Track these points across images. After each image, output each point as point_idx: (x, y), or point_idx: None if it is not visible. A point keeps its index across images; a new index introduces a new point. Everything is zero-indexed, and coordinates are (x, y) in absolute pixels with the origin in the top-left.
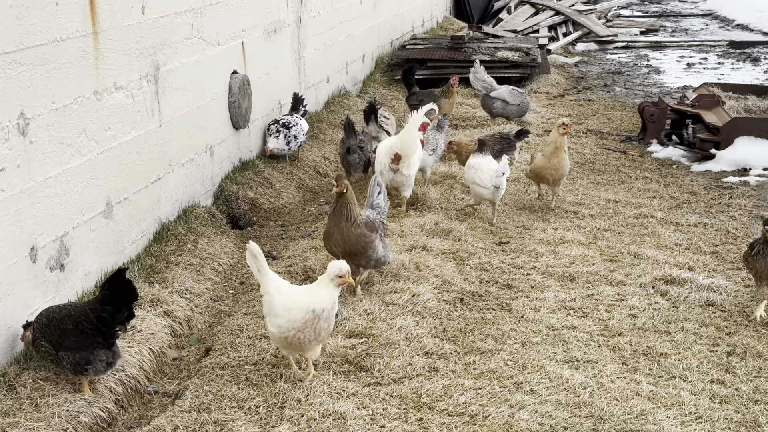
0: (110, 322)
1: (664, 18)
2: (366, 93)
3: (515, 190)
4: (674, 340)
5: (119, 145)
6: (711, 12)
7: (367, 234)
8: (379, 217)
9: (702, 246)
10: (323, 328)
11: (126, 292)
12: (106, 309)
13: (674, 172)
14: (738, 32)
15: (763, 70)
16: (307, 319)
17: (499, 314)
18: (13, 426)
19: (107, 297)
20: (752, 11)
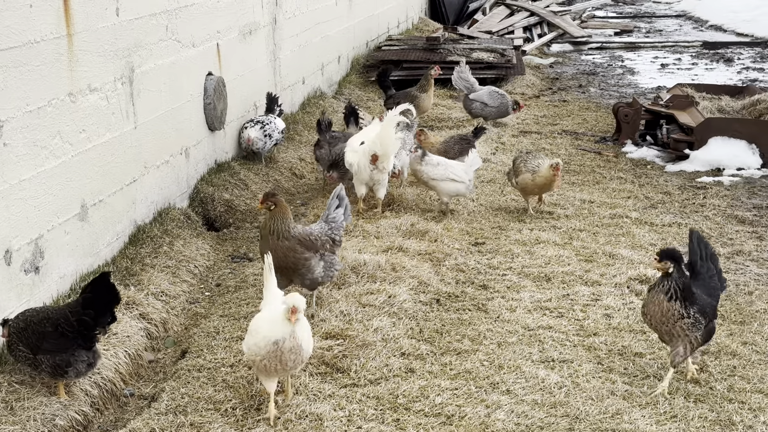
0: (92, 326)
1: (638, 19)
2: (342, 94)
3: (491, 191)
4: (649, 339)
5: (94, 147)
6: (685, 13)
7: (298, 250)
8: (329, 232)
9: (676, 246)
10: (290, 359)
11: (109, 297)
12: (88, 313)
13: (648, 173)
14: (712, 33)
15: (737, 71)
16: (270, 350)
17: (476, 315)
18: None
19: (89, 300)
20: (726, 12)
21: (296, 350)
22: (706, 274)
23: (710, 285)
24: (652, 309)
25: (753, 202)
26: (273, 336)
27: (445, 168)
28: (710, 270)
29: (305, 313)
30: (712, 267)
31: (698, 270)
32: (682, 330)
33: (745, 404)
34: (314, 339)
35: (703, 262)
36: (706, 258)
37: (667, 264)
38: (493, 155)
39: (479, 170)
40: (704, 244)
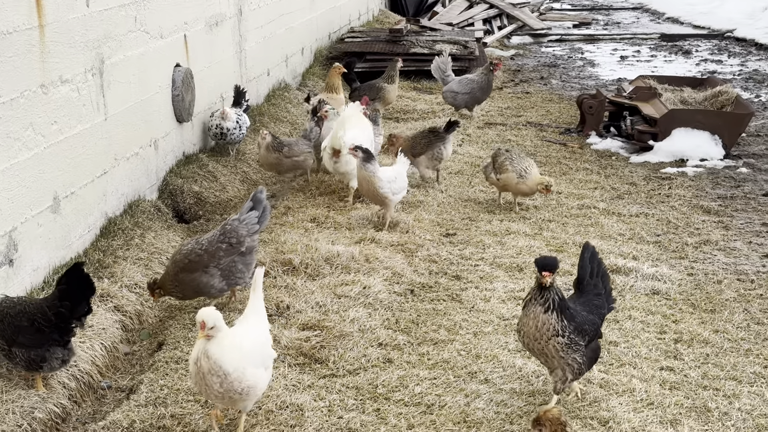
0: (68, 318)
1: (595, 11)
2: (305, 86)
3: (459, 183)
4: (623, 328)
5: (65, 139)
6: (642, 5)
7: (179, 277)
8: (221, 237)
9: (644, 236)
10: (215, 383)
11: (84, 287)
12: (65, 305)
13: (614, 164)
14: (669, 25)
15: (695, 63)
16: (193, 371)
17: (450, 305)
18: None
19: (64, 292)
20: (682, 5)
21: (217, 373)
22: (592, 292)
23: (594, 303)
24: (527, 324)
25: (717, 192)
26: (192, 356)
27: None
28: (598, 288)
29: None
30: (601, 285)
31: (584, 286)
32: (556, 350)
33: (719, 391)
34: (292, 330)
35: (590, 279)
36: (596, 275)
37: (551, 275)
38: (459, 146)
39: (447, 162)
40: (597, 261)
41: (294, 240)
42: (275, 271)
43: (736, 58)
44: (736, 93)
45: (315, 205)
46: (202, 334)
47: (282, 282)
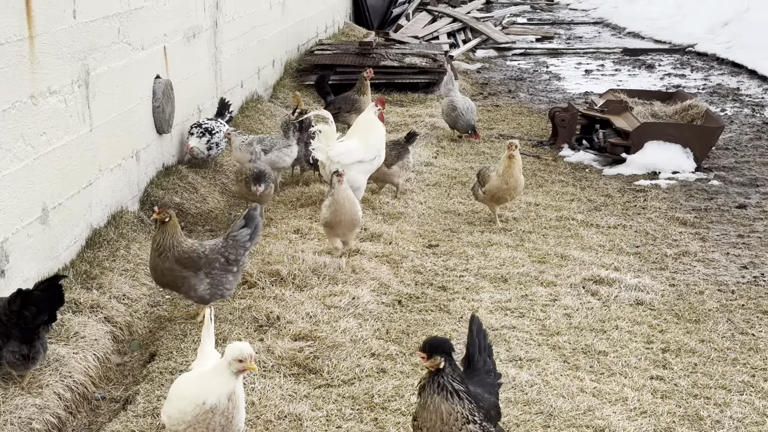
0: (30, 321)
1: (557, 26)
2: (277, 98)
3: (437, 194)
4: (610, 338)
5: (54, 150)
6: (602, 20)
7: (176, 269)
8: (223, 251)
9: (624, 247)
10: (219, 425)
11: (54, 298)
12: (30, 309)
13: (588, 176)
14: (630, 40)
15: (659, 77)
16: (199, 412)
17: (439, 315)
18: None
19: (32, 297)
20: (642, 19)
21: (229, 414)
22: (483, 369)
23: (488, 382)
24: (429, 418)
25: (691, 204)
26: (206, 399)
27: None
28: (487, 364)
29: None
30: (489, 361)
31: (475, 363)
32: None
33: (710, 400)
34: (284, 340)
35: (480, 356)
36: (483, 349)
37: (437, 359)
38: (434, 159)
39: (424, 173)
40: (483, 334)
41: (280, 251)
42: (263, 282)
43: (699, 73)
44: (706, 107)
45: (297, 216)
46: (253, 366)
47: (270, 293)
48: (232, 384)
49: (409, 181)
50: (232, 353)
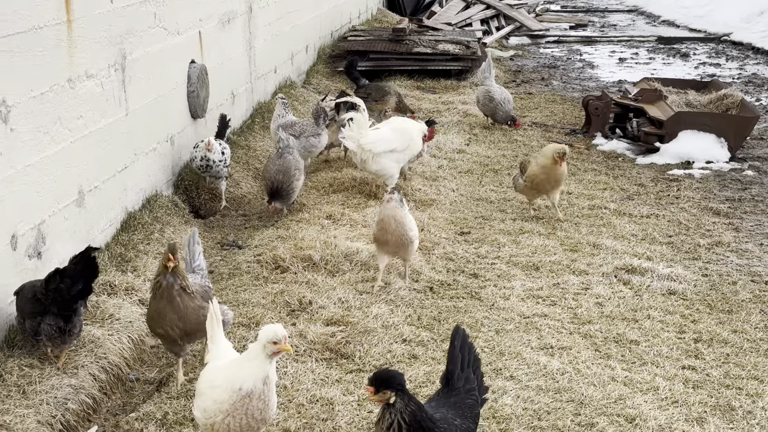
0: (65, 294)
1: (591, 13)
2: (309, 84)
3: (469, 182)
4: (642, 327)
5: (90, 133)
6: (637, 8)
7: (206, 307)
8: (203, 281)
9: (657, 236)
10: (258, 410)
11: (88, 270)
12: (65, 281)
13: (621, 165)
14: (665, 28)
15: (694, 66)
16: (236, 399)
17: (470, 303)
18: (4, 413)
19: (66, 270)
20: (677, 7)
21: (265, 398)
22: (464, 388)
23: (467, 403)
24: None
25: (725, 194)
26: (242, 384)
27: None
28: (470, 381)
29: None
30: (473, 377)
31: (454, 382)
32: None
33: (742, 390)
34: (317, 325)
35: (462, 372)
36: (468, 365)
37: (387, 394)
38: (467, 146)
39: (456, 161)
40: (468, 347)
41: (312, 236)
42: (295, 267)
43: (734, 62)
44: (741, 96)
45: (329, 202)
46: (287, 347)
47: (303, 278)
48: (266, 367)
49: (441, 168)
50: (266, 335)
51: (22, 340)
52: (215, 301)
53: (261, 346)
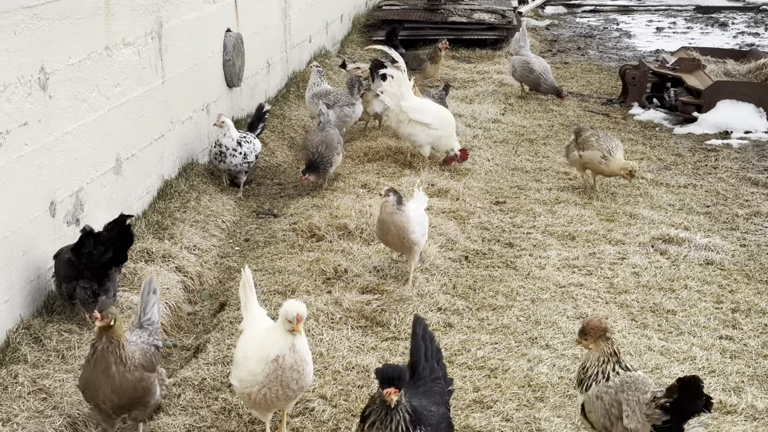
0: (97, 260)
1: None
2: (344, 53)
3: (504, 151)
4: (679, 297)
5: (127, 101)
6: None
7: (146, 378)
8: (151, 339)
9: (694, 206)
10: (293, 380)
11: (122, 237)
12: (98, 248)
13: (658, 135)
14: None
15: (732, 35)
16: (270, 370)
17: (506, 272)
18: (44, 377)
19: (100, 236)
20: None
21: (299, 368)
22: (430, 377)
23: (436, 391)
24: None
25: (763, 164)
26: (270, 353)
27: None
28: (435, 371)
29: None
30: (437, 366)
31: (420, 372)
32: None
33: None
34: (352, 293)
35: (427, 362)
36: (431, 355)
37: (396, 392)
38: (502, 116)
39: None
40: (430, 337)
41: (347, 205)
42: (330, 235)
43: None
44: None
45: (365, 171)
46: (299, 329)
47: (338, 246)
48: (290, 338)
49: (477, 138)
50: (282, 314)
51: (61, 305)
52: (247, 269)
53: (282, 320)
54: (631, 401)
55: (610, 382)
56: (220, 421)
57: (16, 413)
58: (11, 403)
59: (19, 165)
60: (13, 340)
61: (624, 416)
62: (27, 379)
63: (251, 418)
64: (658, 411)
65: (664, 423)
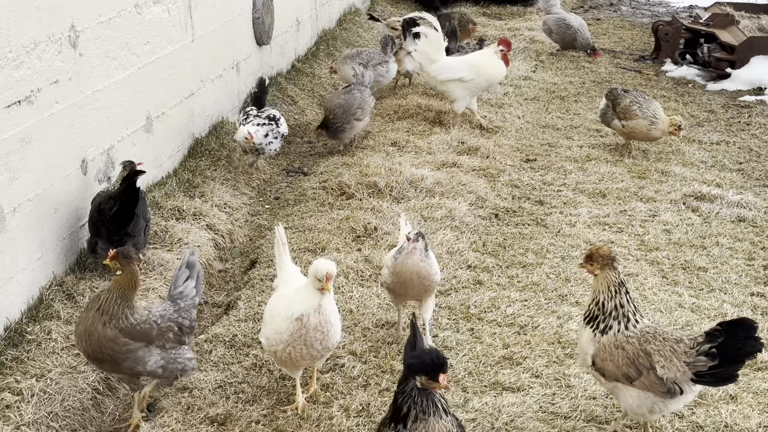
0: (107, 213)
1: None
2: (374, 11)
3: (535, 109)
4: (710, 254)
5: (157, 59)
6: None
7: (122, 342)
8: (175, 316)
9: (727, 163)
10: (317, 340)
11: (130, 191)
12: (109, 202)
13: (690, 91)
14: None
15: None
16: (294, 329)
17: (536, 229)
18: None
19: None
20: None
21: (323, 328)
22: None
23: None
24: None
25: None
26: (294, 312)
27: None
28: None
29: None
30: None
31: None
32: None
33: None
34: (381, 251)
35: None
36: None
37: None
38: (533, 72)
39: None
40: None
41: (377, 163)
42: (360, 193)
43: None
44: None
45: (394, 129)
46: (328, 287)
47: (368, 204)
48: (317, 299)
49: (507, 95)
50: (312, 272)
51: (93, 262)
52: (280, 227)
53: (311, 278)
54: (664, 351)
55: (629, 331)
56: (251, 377)
57: (49, 369)
58: (45, 358)
59: (50, 123)
60: (47, 297)
61: (658, 366)
62: (60, 336)
63: (282, 374)
64: (703, 358)
65: (711, 369)
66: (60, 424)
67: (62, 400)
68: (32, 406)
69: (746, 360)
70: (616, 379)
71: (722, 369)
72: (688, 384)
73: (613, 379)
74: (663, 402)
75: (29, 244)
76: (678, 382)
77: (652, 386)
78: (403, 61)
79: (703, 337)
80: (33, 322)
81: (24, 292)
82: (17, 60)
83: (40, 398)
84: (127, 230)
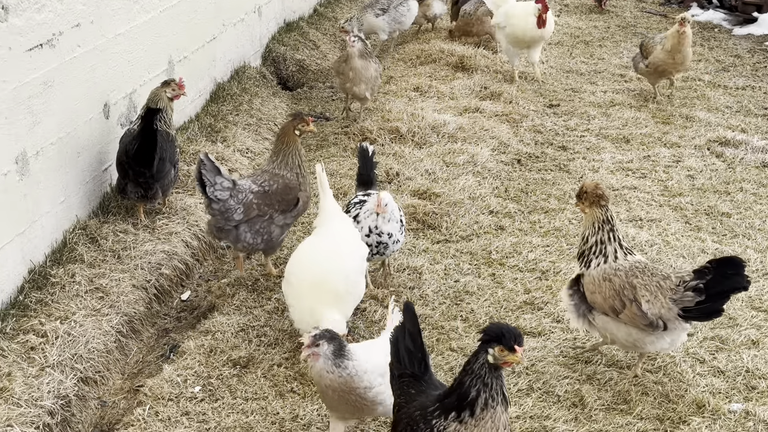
0: (130, 151)
1: None
2: None
3: (559, 54)
4: (734, 200)
5: (179, 3)
6: None
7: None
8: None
9: (752, 109)
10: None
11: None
12: (133, 142)
13: (716, 36)
14: None
15: None
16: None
17: (558, 175)
18: (100, 276)
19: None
20: None
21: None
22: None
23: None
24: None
25: None
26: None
27: None
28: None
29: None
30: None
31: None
32: None
33: None
34: (404, 196)
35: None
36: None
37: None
38: (557, 17)
39: None
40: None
41: (399, 108)
42: (382, 138)
43: None
44: None
45: (417, 74)
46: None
47: (390, 150)
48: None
49: None
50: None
51: (116, 206)
52: (319, 166)
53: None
54: (650, 285)
55: (617, 264)
56: (273, 321)
57: (74, 311)
58: (69, 301)
59: (72, 67)
60: (70, 240)
61: (643, 301)
62: (84, 279)
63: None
64: (690, 293)
65: (698, 304)
66: (84, 366)
67: (86, 342)
68: (56, 348)
69: (731, 295)
70: (604, 312)
71: (708, 304)
72: (676, 320)
73: (601, 312)
74: (648, 336)
75: (52, 187)
76: (663, 318)
77: (635, 319)
78: (432, 6)
79: (691, 275)
80: (57, 265)
81: (47, 235)
82: (39, 3)
83: (65, 340)
84: (152, 172)
